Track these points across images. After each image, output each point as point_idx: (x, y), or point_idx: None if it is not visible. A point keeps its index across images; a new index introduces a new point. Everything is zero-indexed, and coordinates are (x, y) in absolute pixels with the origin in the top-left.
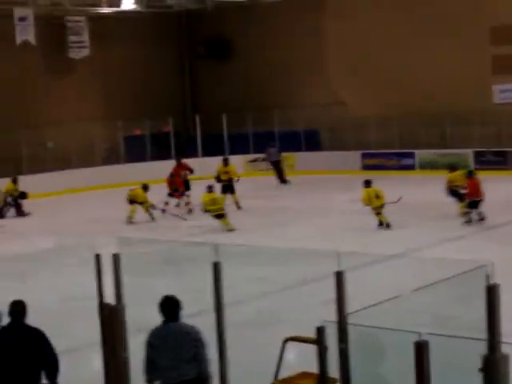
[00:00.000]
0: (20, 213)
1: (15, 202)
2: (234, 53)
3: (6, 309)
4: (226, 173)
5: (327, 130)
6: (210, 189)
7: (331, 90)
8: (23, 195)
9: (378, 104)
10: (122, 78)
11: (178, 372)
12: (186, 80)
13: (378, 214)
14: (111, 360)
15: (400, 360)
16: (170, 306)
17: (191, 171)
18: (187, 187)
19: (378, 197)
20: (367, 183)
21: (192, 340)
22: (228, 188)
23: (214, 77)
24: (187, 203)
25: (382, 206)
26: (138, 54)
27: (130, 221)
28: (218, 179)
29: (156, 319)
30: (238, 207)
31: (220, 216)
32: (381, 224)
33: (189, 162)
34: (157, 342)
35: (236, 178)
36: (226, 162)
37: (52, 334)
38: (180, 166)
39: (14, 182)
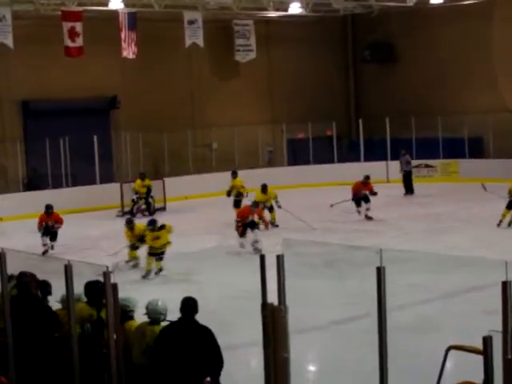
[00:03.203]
0: (148, 210)
1: (145, 200)
2: (398, 57)
3: (172, 306)
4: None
5: (492, 136)
6: None
7: (498, 95)
8: (149, 191)
9: None
10: (286, 81)
11: None
12: (351, 84)
13: None
14: (272, 360)
15: None
16: None
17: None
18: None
19: None
20: None
21: None
22: (237, 203)
23: (378, 81)
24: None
25: None
26: (303, 58)
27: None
28: (228, 194)
29: (314, 321)
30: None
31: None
32: None
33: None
34: None
35: (245, 193)
36: (234, 175)
37: (216, 331)
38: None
39: (142, 178)
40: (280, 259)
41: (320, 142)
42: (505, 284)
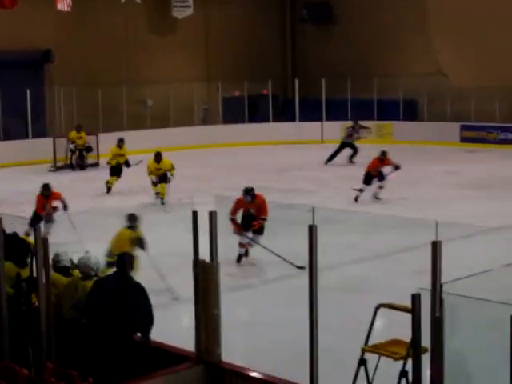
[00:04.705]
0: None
1: (78, 152)
2: (336, 18)
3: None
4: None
5: (427, 99)
6: None
7: (433, 59)
8: (89, 149)
9: (480, 75)
10: (223, 39)
11: None
12: (287, 43)
13: None
14: (203, 316)
15: (494, 333)
16: None
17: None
18: None
19: None
20: None
21: None
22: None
23: (315, 41)
24: None
25: None
26: (240, 16)
27: None
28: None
29: (245, 278)
30: None
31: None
32: None
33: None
34: None
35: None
36: (120, 144)
37: (147, 288)
38: None
39: (78, 130)
40: (212, 216)
41: (256, 101)
42: (434, 243)
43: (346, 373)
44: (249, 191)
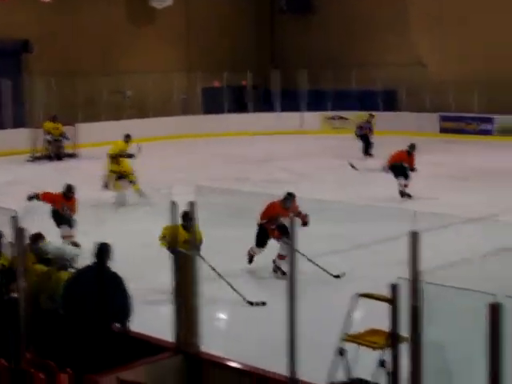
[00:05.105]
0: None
1: (55, 142)
2: (315, 8)
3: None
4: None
5: (406, 90)
6: None
7: (413, 50)
8: (63, 136)
9: (459, 66)
10: (202, 30)
11: None
12: (266, 34)
13: None
14: (182, 307)
15: (472, 322)
16: None
17: None
18: None
19: None
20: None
21: None
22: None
23: (294, 32)
24: None
25: None
26: (220, 7)
27: None
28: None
29: (224, 269)
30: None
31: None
32: None
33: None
34: None
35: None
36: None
37: (127, 279)
38: None
39: (53, 120)
40: (192, 206)
41: (235, 92)
42: (413, 233)
43: (325, 363)
44: (291, 196)
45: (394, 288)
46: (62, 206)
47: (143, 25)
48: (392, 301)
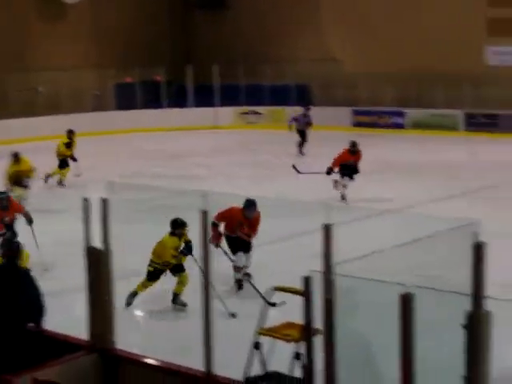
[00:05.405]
0: None
1: None
2: (228, 2)
3: None
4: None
5: (319, 85)
6: None
7: (325, 44)
8: None
9: (371, 61)
10: (113, 25)
11: None
12: (178, 29)
13: None
14: (96, 304)
15: (384, 313)
16: None
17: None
18: None
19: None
20: None
21: None
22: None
23: (207, 27)
24: None
25: None
26: (131, 2)
27: None
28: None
29: (135, 267)
30: None
31: None
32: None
33: (180, 111)
34: None
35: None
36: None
37: (39, 277)
38: None
39: None
40: (105, 203)
41: (148, 87)
42: (326, 226)
43: (242, 357)
44: (253, 204)
45: (307, 281)
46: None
47: (54, 21)
48: (305, 293)
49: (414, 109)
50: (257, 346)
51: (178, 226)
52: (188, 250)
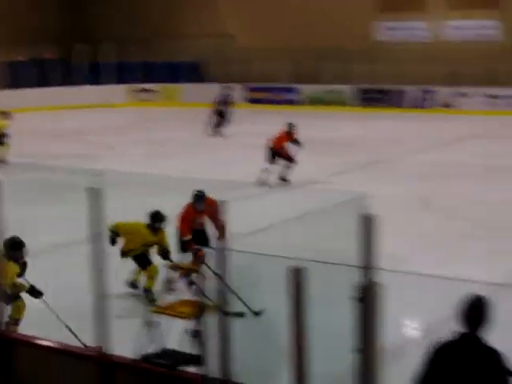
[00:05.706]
0: None
1: None
2: None
3: None
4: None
5: (214, 61)
6: None
7: (219, 21)
8: None
9: (266, 37)
10: (2, 3)
11: None
12: (69, 6)
13: None
14: None
15: (276, 286)
16: None
17: None
18: None
19: None
20: None
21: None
22: None
23: (100, 4)
24: None
25: None
26: None
27: None
28: None
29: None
30: None
31: None
32: None
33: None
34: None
35: None
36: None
37: None
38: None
39: None
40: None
41: (38, 65)
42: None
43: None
44: (202, 196)
45: (201, 258)
46: None
47: None
48: (196, 270)
49: (309, 84)
50: (149, 324)
51: (157, 220)
52: (165, 257)
